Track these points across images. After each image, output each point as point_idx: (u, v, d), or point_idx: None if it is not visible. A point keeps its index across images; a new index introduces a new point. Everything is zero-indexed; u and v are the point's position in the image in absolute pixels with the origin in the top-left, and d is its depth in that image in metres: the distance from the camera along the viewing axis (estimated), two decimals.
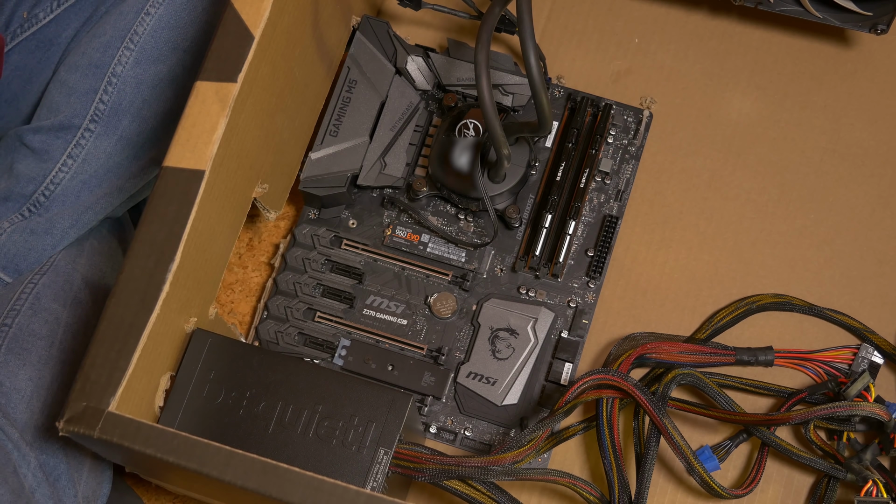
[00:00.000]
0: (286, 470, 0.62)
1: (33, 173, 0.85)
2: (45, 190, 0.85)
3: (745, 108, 0.94)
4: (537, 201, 0.90)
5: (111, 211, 0.89)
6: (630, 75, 0.95)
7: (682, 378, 0.80)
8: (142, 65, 0.85)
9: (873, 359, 0.83)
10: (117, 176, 0.87)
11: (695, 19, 0.97)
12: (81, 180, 0.85)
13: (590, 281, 0.88)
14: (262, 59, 0.74)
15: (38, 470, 0.75)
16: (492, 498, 0.75)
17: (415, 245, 0.89)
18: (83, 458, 0.80)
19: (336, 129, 0.89)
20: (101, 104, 0.84)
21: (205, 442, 0.63)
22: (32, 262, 0.86)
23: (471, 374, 0.86)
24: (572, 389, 0.77)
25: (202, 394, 0.74)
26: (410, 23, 0.98)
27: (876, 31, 0.88)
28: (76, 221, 0.87)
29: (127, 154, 0.87)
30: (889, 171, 0.91)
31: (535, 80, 0.72)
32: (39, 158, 0.84)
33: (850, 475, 0.79)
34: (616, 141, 0.92)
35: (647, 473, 0.77)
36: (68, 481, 0.78)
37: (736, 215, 0.91)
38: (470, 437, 0.86)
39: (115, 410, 0.65)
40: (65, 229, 0.86)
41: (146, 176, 0.89)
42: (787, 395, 0.83)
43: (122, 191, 0.88)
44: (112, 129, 0.85)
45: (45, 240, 0.86)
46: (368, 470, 0.71)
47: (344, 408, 0.72)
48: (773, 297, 0.87)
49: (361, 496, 0.61)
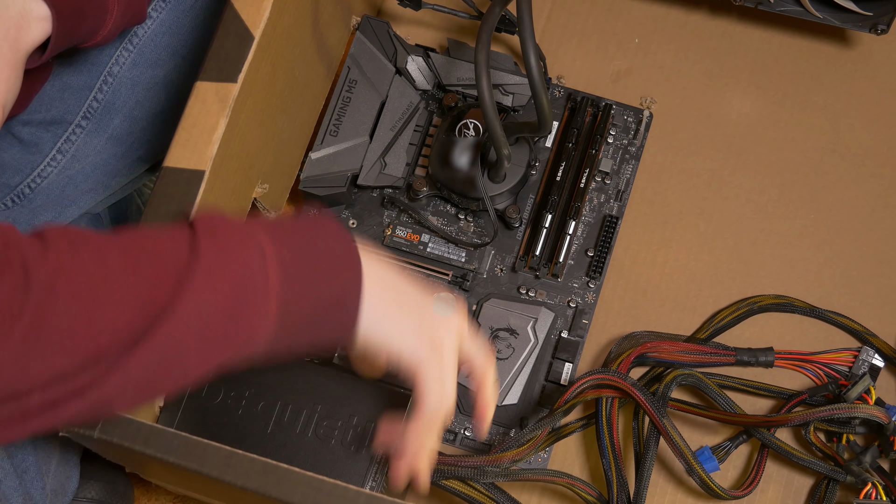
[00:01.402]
0: (286, 470, 0.62)
1: (20, 165, 0.85)
2: (31, 182, 0.85)
3: (745, 108, 0.94)
4: (537, 201, 0.90)
5: (92, 206, 0.89)
6: (630, 75, 0.95)
7: (683, 378, 0.80)
8: (139, 67, 0.85)
9: (874, 362, 0.83)
10: (104, 173, 0.87)
11: (695, 19, 0.97)
12: (68, 175, 0.85)
13: (590, 281, 0.88)
14: (262, 59, 0.74)
15: (5, 461, 0.75)
16: (491, 498, 0.75)
17: (415, 245, 0.89)
18: (51, 451, 0.80)
19: (336, 129, 0.89)
20: (95, 102, 0.84)
21: (204, 442, 0.63)
22: None
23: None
24: (572, 389, 0.77)
25: (201, 393, 0.74)
26: (410, 23, 0.98)
27: (876, 31, 0.88)
28: (58, 215, 0.87)
29: (115, 152, 0.87)
30: (889, 171, 0.91)
31: (535, 80, 0.72)
32: (28, 150, 0.84)
33: (850, 477, 0.79)
34: (616, 141, 0.92)
35: (647, 473, 0.77)
36: (36, 473, 0.78)
37: (736, 215, 0.91)
38: (470, 437, 0.86)
39: None
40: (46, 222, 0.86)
41: (131, 174, 0.89)
42: (787, 396, 0.83)
43: (107, 188, 0.89)
44: (103, 127, 0.85)
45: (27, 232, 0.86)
46: (368, 470, 0.71)
47: (343, 408, 0.72)
48: (774, 297, 0.87)
49: (361, 496, 0.61)
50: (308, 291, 0.56)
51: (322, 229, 0.59)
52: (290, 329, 0.56)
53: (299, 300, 0.56)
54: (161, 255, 0.52)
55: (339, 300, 0.58)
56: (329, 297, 0.57)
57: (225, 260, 0.53)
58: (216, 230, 0.54)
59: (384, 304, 0.60)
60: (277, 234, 0.56)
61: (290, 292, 0.55)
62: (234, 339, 0.54)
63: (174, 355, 0.52)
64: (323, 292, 0.57)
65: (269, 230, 0.56)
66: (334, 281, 0.57)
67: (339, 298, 0.58)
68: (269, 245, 0.55)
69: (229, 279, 0.53)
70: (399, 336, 0.60)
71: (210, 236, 0.53)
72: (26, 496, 0.76)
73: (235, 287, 0.53)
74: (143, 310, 0.51)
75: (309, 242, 0.57)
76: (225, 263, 0.53)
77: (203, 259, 0.52)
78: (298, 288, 0.55)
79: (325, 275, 0.57)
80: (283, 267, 0.55)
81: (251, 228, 0.55)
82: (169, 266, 0.52)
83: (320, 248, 0.57)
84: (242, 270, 0.53)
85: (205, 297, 0.52)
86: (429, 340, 0.61)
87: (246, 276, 0.53)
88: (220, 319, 0.52)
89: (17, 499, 0.75)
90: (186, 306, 0.51)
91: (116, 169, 0.88)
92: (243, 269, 0.53)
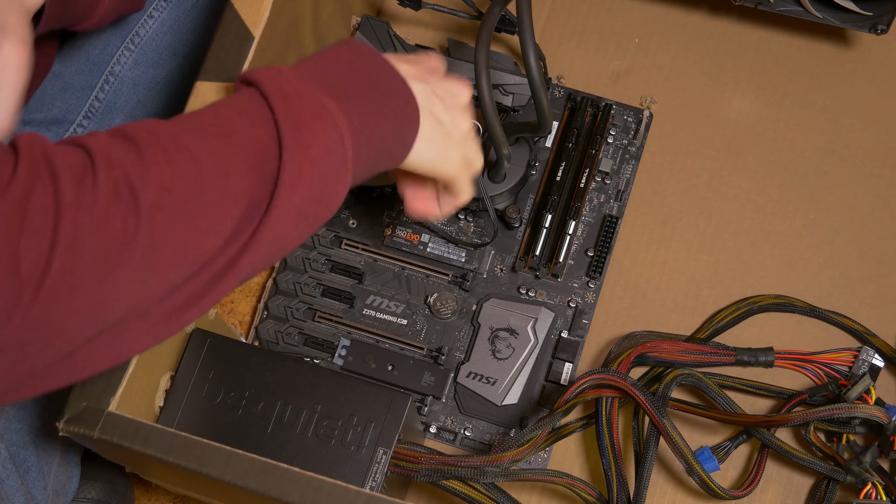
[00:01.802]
0: (286, 470, 0.62)
1: None
2: None
3: (744, 108, 0.94)
4: (537, 201, 0.90)
5: None
6: (630, 75, 0.95)
7: (683, 378, 0.80)
8: (140, 66, 0.85)
9: (874, 362, 0.83)
10: None
11: (695, 19, 0.97)
12: None
13: (590, 281, 0.88)
14: (262, 59, 0.74)
15: (7, 461, 0.75)
16: (491, 498, 0.75)
17: (415, 245, 0.89)
18: (53, 451, 0.80)
19: None
20: (97, 101, 0.84)
21: (204, 442, 0.63)
22: None
23: (471, 373, 0.86)
24: (572, 389, 0.77)
25: (201, 394, 0.74)
26: (410, 23, 0.98)
27: (876, 31, 0.88)
28: None
29: None
30: (889, 171, 0.91)
31: (535, 80, 0.72)
32: None
33: (850, 477, 0.79)
34: (616, 141, 0.92)
35: (646, 473, 0.77)
36: (38, 473, 0.78)
37: (735, 215, 0.91)
38: (470, 437, 0.86)
39: (115, 410, 0.65)
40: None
41: None
42: (787, 396, 0.83)
43: None
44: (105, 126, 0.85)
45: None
46: (367, 469, 0.71)
47: (343, 407, 0.72)
48: (774, 297, 0.87)
49: (361, 496, 0.61)
50: (375, 144, 0.61)
51: (371, 64, 0.63)
52: (358, 178, 0.61)
53: (368, 156, 0.61)
54: (249, 147, 0.55)
55: (399, 142, 0.64)
56: (391, 143, 0.63)
57: (308, 148, 0.56)
58: (290, 108, 0.57)
59: (433, 138, 0.66)
60: (341, 93, 0.59)
61: (361, 155, 0.60)
62: (322, 215, 0.59)
63: (276, 248, 0.57)
64: (387, 141, 0.62)
65: (334, 91, 0.59)
66: (396, 124, 0.63)
67: (399, 141, 0.64)
68: (340, 116, 0.58)
69: (316, 169, 0.57)
70: (442, 163, 0.67)
71: (288, 119, 0.56)
72: (28, 496, 0.76)
73: (321, 174, 0.57)
74: (243, 211, 0.54)
75: (370, 90, 0.61)
76: (309, 154, 0.56)
77: (288, 150, 0.55)
78: (367, 148, 0.60)
79: (387, 121, 0.62)
80: (355, 135, 0.59)
81: (318, 96, 0.58)
82: (260, 163, 0.55)
83: (379, 91, 0.62)
84: (325, 155, 0.57)
85: (297, 192, 0.56)
86: (465, 163, 0.69)
87: (328, 159, 0.57)
88: (311, 206, 0.57)
89: (20, 498, 0.75)
90: (283, 204, 0.55)
91: None
92: (326, 153, 0.57)
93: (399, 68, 0.64)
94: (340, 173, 0.58)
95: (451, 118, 0.68)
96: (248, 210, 0.55)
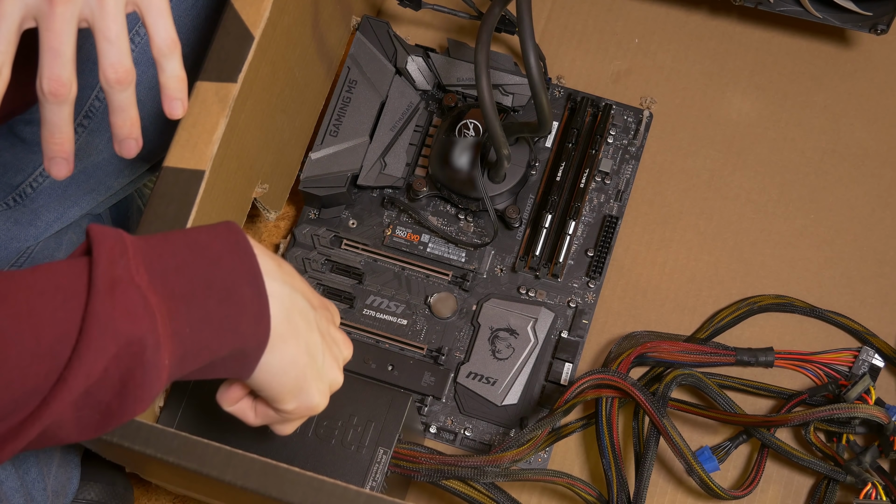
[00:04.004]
0: (286, 470, 0.62)
1: (22, 164, 0.85)
2: (32, 182, 0.85)
3: (744, 109, 0.94)
4: (537, 201, 0.90)
5: (93, 207, 0.89)
6: (630, 75, 0.95)
7: (683, 378, 0.80)
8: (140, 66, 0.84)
9: (874, 362, 0.83)
10: (105, 173, 0.87)
11: (695, 19, 0.97)
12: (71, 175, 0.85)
13: (590, 281, 0.88)
14: (262, 59, 0.74)
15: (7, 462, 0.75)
16: (491, 498, 0.75)
17: (415, 245, 0.89)
18: (52, 451, 0.80)
19: (336, 129, 0.89)
20: (97, 101, 0.84)
21: (204, 442, 0.63)
22: (12, 253, 0.85)
23: (471, 374, 0.86)
24: (572, 389, 0.77)
25: (202, 394, 0.74)
26: (410, 23, 0.98)
27: (876, 31, 0.88)
28: (61, 215, 0.87)
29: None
30: (889, 171, 0.91)
31: (535, 80, 0.72)
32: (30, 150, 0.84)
33: (850, 477, 0.79)
34: (616, 141, 0.92)
35: (646, 473, 0.77)
36: (38, 474, 0.78)
37: (736, 215, 0.91)
38: (470, 437, 0.86)
39: None
40: (49, 222, 0.86)
41: (132, 174, 0.89)
42: (787, 396, 0.83)
43: (108, 188, 0.88)
44: (105, 126, 0.85)
45: (29, 231, 0.86)
46: (367, 469, 0.71)
47: (343, 407, 0.72)
48: (774, 297, 0.87)
49: (361, 496, 0.61)
50: (204, 357, 0.54)
51: (236, 270, 0.55)
52: (183, 378, 0.55)
53: (193, 364, 0.54)
54: (46, 334, 0.49)
55: (239, 361, 0.56)
56: (228, 360, 0.56)
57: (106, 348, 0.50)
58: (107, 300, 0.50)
59: (284, 356, 0.58)
60: (181, 295, 0.53)
61: (186, 364, 0.53)
62: (118, 416, 0.52)
63: (48, 438, 0.51)
64: (222, 355, 0.55)
65: (174, 291, 0.53)
66: (237, 342, 0.55)
67: (240, 360, 0.56)
68: (164, 320, 0.52)
69: (114, 370, 0.51)
70: (291, 396, 0.60)
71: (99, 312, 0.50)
72: (28, 497, 0.76)
73: (120, 375, 0.51)
74: (18, 396, 0.49)
75: (219, 303, 0.54)
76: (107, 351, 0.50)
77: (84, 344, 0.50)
78: (194, 358, 0.54)
79: (226, 338, 0.54)
80: (180, 344, 0.53)
81: (147, 295, 0.51)
82: (51, 352, 0.49)
83: (232, 301, 0.54)
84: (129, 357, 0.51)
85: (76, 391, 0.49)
86: (312, 408, 0.62)
87: (132, 361, 0.51)
88: (96, 408, 0.51)
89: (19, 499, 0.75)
90: (60, 401, 0.49)
91: (118, 169, 0.88)
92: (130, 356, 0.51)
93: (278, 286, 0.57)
94: (145, 380, 0.52)
95: (325, 362, 0.62)
96: (23, 395, 0.49)
